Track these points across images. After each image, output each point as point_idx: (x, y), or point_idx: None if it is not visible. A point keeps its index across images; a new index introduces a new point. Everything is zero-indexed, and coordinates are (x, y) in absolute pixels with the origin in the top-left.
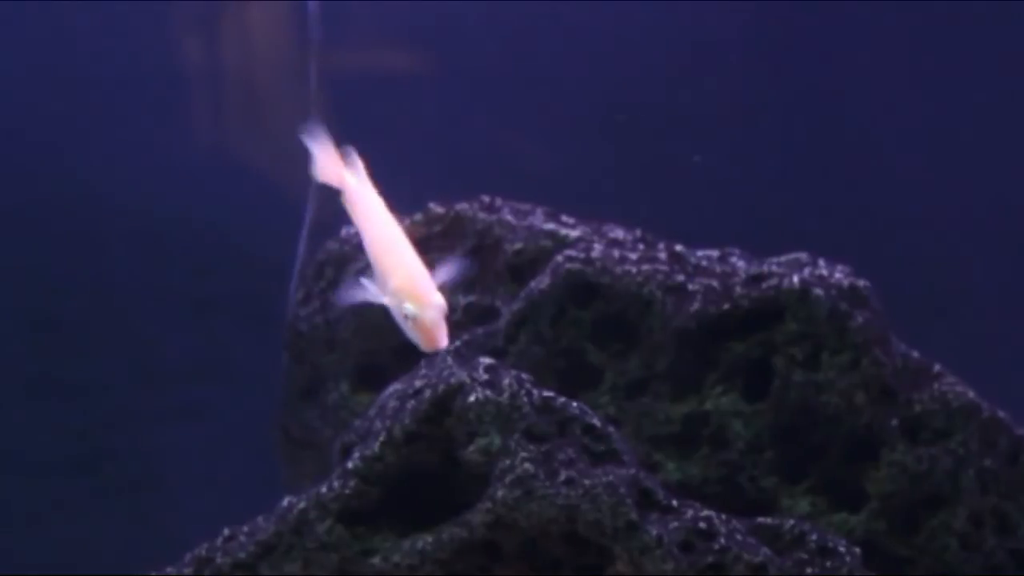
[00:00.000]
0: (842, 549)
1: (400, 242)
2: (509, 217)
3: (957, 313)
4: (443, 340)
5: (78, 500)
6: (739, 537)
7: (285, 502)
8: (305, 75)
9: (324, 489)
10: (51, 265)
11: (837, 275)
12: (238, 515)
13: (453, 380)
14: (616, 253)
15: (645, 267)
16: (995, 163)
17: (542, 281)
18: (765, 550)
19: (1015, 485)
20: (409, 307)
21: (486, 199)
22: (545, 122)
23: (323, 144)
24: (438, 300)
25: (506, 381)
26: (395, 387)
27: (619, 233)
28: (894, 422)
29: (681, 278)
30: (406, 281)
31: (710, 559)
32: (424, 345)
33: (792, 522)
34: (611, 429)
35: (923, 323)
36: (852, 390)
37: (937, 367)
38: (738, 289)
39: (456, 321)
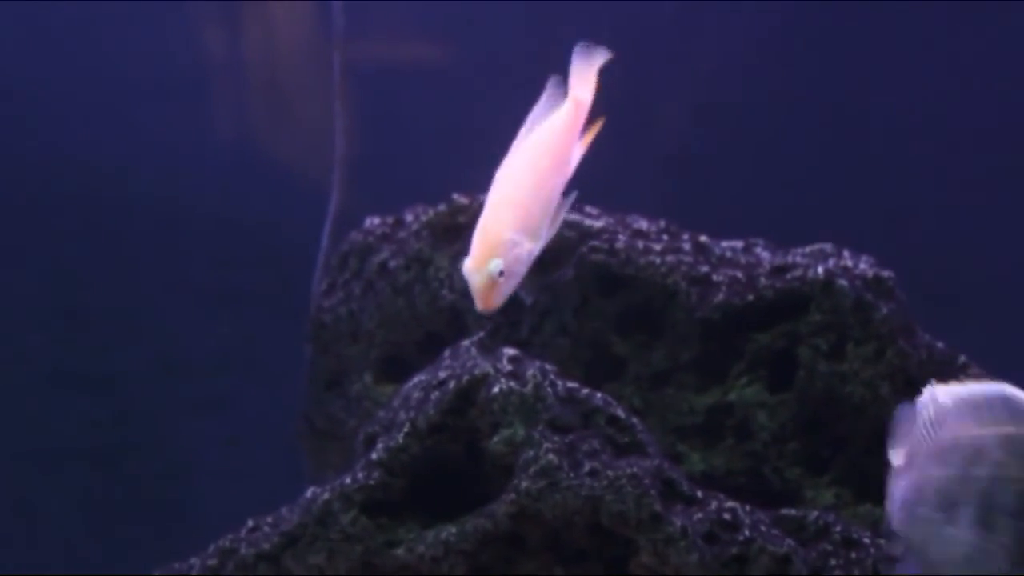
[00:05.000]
0: (867, 540)
1: (499, 193)
2: None
3: (983, 304)
4: (482, 304)
5: (102, 492)
6: (763, 528)
7: (309, 493)
8: (329, 67)
9: (348, 480)
10: (75, 258)
11: (862, 266)
12: (262, 506)
13: (477, 371)
14: (640, 244)
15: (669, 258)
16: (1021, 152)
17: (566, 272)
18: (789, 541)
19: None
20: (465, 263)
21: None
22: None
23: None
24: (483, 266)
25: (530, 372)
26: (419, 378)
27: (643, 224)
28: None
29: (705, 269)
30: (475, 234)
31: (734, 550)
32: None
33: (816, 513)
34: (635, 420)
35: (948, 314)
36: (877, 381)
37: (962, 358)
38: (763, 280)
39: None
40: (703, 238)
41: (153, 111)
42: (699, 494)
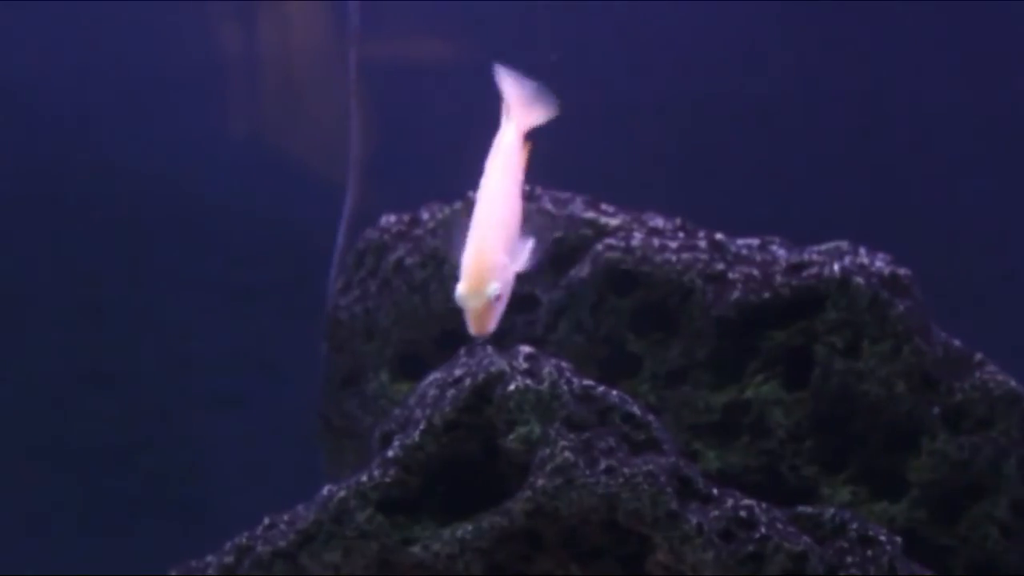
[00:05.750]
0: (883, 538)
1: (485, 216)
2: (549, 205)
3: (999, 302)
4: (478, 328)
5: (118, 490)
6: (779, 526)
7: (325, 491)
8: (344, 64)
9: (364, 478)
10: (91, 255)
11: (878, 263)
12: (278, 504)
13: (493, 368)
14: (656, 242)
15: (685, 256)
16: None
17: (582, 270)
18: (806, 539)
19: None
20: (457, 290)
21: (526, 187)
22: (584, 110)
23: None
24: (481, 289)
25: (546, 370)
26: (435, 376)
27: (659, 221)
28: (935, 410)
29: (721, 267)
30: (465, 260)
31: (751, 548)
32: (469, 328)
33: (833, 511)
34: (651, 418)
35: (964, 312)
36: (893, 378)
37: (978, 356)
38: (778, 278)
39: None
40: (719, 236)
41: (170, 110)
42: (715, 492)
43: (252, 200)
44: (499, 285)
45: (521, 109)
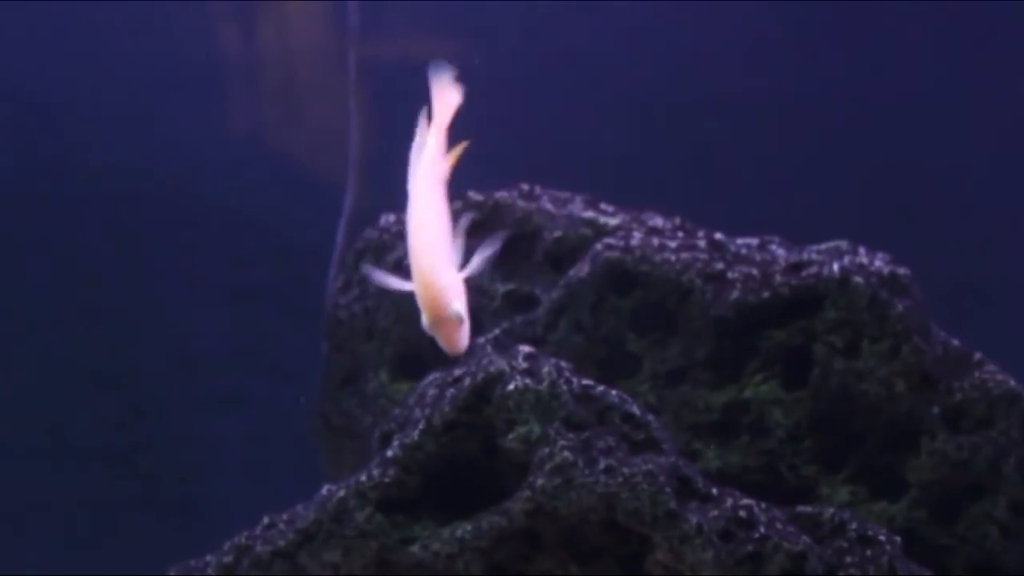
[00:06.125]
0: (882, 538)
1: (423, 240)
2: (548, 205)
3: (998, 301)
4: (454, 349)
5: (118, 489)
6: (779, 526)
7: (325, 490)
8: (344, 64)
9: (363, 477)
10: (90, 255)
11: (877, 263)
12: (278, 504)
13: (493, 368)
14: (655, 241)
15: (684, 255)
16: None
17: (581, 269)
18: (805, 539)
19: None
20: (423, 319)
21: (525, 187)
22: (584, 110)
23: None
24: (448, 313)
25: (545, 369)
26: (434, 375)
27: (658, 221)
28: (934, 410)
29: (721, 266)
30: (420, 291)
31: (750, 548)
32: (445, 351)
33: (832, 511)
34: (650, 417)
35: (964, 311)
36: (892, 378)
37: (978, 355)
38: (778, 277)
39: (495, 309)
40: (718, 235)
41: (170, 111)
42: (715, 491)
43: (252, 200)
44: (460, 304)
45: (444, 109)
